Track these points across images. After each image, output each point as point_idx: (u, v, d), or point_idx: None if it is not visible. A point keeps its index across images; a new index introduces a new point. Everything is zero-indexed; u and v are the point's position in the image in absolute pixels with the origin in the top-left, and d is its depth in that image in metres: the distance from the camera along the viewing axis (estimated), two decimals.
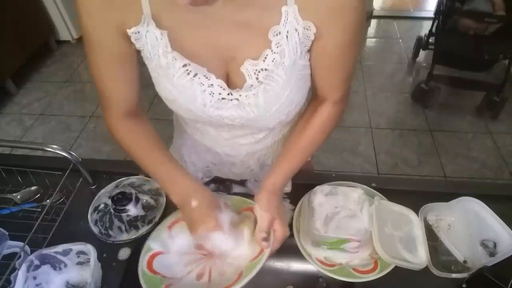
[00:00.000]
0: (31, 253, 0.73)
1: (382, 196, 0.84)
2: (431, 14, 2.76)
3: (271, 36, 0.60)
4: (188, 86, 0.65)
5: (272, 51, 0.61)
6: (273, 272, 0.79)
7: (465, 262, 0.75)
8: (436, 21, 2.53)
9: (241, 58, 0.63)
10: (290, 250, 0.78)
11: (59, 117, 2.64)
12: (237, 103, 0.67)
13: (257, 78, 0.64)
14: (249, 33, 0.61)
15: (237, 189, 0.91)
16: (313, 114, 0.75)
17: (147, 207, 0.85)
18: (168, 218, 0.77)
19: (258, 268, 0.64)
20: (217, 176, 0.96)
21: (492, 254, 0.74)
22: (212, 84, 0.65)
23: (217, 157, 0.90)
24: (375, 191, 0.86)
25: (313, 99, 0.77)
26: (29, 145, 0.88)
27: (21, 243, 0.75)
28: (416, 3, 4.08)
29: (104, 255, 0.77)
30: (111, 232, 0.81)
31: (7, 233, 0.77)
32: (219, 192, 0.87)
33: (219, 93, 0.66)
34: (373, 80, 2.88)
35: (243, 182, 0.93)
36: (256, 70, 0.63)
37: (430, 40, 2.81)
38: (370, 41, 3.42)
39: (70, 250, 0.73)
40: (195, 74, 0.64)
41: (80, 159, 0.86)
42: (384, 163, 2.23)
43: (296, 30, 0.59)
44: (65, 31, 3.26)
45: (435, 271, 0.72)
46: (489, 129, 2.44)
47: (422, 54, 3.06)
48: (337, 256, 0.75)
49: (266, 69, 0.63)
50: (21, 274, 0.68)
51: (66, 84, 2.95)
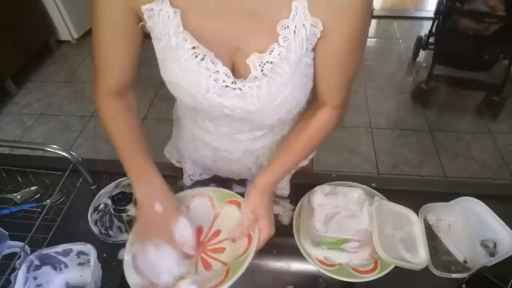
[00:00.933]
0: (31, 253, 0.73)
1: (382, 196, 0.84)
2: (431, 14, 2.76)
3: (279, 29, 0.61)
4: (194, 69, 0.66)
5: (279, 44, 0.62)
6: (273, 272, 0.79)
7: (465, 262, 0.75)
8: (436, 21, 2.53)
9: (248, 49, 0.64)
10: (290, 250, 0.78)
11: (59, 117, 2.65)
12: (240, 93, 0.68)
13: (262, 71, 0.65)
14: (257, 24, 0.62)
15: (237, 189, 0.91)
16: (312, 117, 0.76)
17: None
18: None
19: (245, 266, 0.65)
20: (217, 175, 0.96)
21: (492, 254, 0.74)
22: (217, 71, 0.66)
23: (215, 152, 0.91)
24: (375, 191, 0.86)
25: (313, 102, 0.77)
26: (29, 145, 0.88)
27: (21, 243, 0.75)
28: (416, 3, 4.08)
29: (104, 255, 0.77)
30: (111, 232, 0.81)
31: (7, 233, 0.77)
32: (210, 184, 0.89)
33: (223, 80, 0.67)
34: (373, 80, 2.88)
35: (243, 182, 0.93)
36: (262, 63, 0.64)
37: (430, 40, 2.81)
38: (370, 41, 3.42)
39: (70, 250, 0.73)
40: (202, 58, 0.65)
41: (80, 159, 0.86)
42: (384, 163, 2.23)
43: (304, 26, 0.60)
44: (65, 31, 3.27)
45: (435, 271, 0.72)
46: (489, 129, 2.44)
47: (422, 54, 3.06)
48: (337, 256, 0.75)
49: (271, 62, 0.64)
50: (21, 274, 0.68)
51: (66, 84, 2.95)
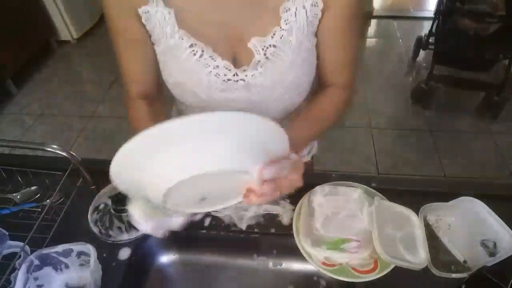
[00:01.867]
0: (31, 253, 0.73)
1: (382, 196, 0.84)
2: (431, 14, 2.76)
3: (282, 12, 0.61)
4: (194, 68, 0.66)
5: (281, 28, 0.62)
6: (273, 272, 0.79)
7: (465, 262, 0.75)
8: (436, 21, 2.53)
9: (249, 36, 0.64)
10: (290, 250, 0.78)
11: (59, 117, 2.65)
12: (243, 84, 0.68)
13: (265, 54, 0.65)
14: (258, 10, 0.62)
15: None
16: (322, 95, 0.74)
17: None
18: None
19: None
20: None
21: (492, 254, 0.74)
22: (217, 66, 0.66)
23: None
24: (375, 191, 0.86)
25: (319, 87, 0.77)
26: (29, 145, 0.88)
27: (21, 243, 0.75)
28: (416, 3, 4.08)
29: (104, 255, 0.77)
30: (111, 232, 0.81)
31: (7, 233, 0.77)
32: None
33: (225, 74, 0.67)
34: (373, 80, 2.88)
35: None
36: (265, 46, 0.64)
37: (430, 40, 2.81)
38: (370, 41, 3.42)
39: (71, 250, 0.73)
40: (201, 55, 0.65)
41: (80, 159, 0.86)
42: (384, 163, 2.23)
43: (304, 7, 0.61)
44: (65, 31, 3.27)
45: (435, 271, 0.72)
46: (489, 129, 2.44)
47: (422, 54, 3.06)
48: (337, 256, 0.75)
49: (274, 46, 0.64)
50: (21, 274, 0.68)
51: (66, 84, 2.95)
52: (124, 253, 0.78)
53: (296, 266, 0.80)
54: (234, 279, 0.84)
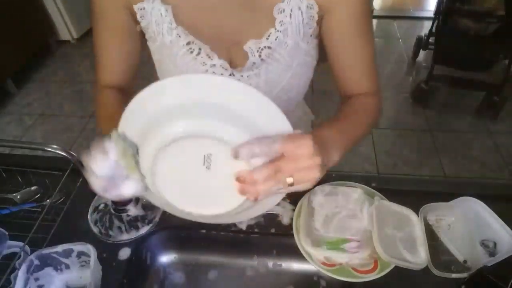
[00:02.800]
0: (31, 253, 0.73)
1: (382, 196, 0.84)
2: (431, 14, 2.76)
3: (276, 13, 0.60)
4: (190, 66, 0.66)
5: (275, 29, 0.62)
6: (273, 272, 0.79)
7: (465, 262, 0.75)
8: (436, 21, 2.53)
9: (244, 38, 0.64)
10: (290, 250, 0.78)
11: (59, 117, 2.64)
12: None
13: (260, 56, 0.64)
14: (253, 12, 0.61)
15: None
16: (352, 101, 0.69)
17: (147, 207, 0.85)
18: None
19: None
20: None
21: (492, 254, 0.74)
22: (214, 64, 0.65)
23: None
24: (375, 191, 0.86)
25: (346, 97, 0.72)
26: (29, 145, 0.88)
27: (21, 243, 0.75)
28: (416, 3, 4.08)
29: (104, 255, 0.77)
30: (111, 232, 0.81)
31: (7, 233, 0.77)
32: None
33: (221, 74, 0.66)
34: None
35: None
36: (259, 48, 0.63)
37: (430, 40, 2.81)
38: None
39: (71, 250, 0.73)
40: (198, 53, 0.64)
41: (80, 159, 0.86)
42: (384, 163, 2.23)
43: (300, 8, 0.60)
44: (65, 31, 3.27)
45: (435, 271, 0.72)
46: (489, 129, 2.44)
47: (422, 54, 3.05)
48: (337, 256, 0.75)
49: (269, 47, 0.63)
50: (21, 274, 0.68)
51: (66, 84, 2.95)
52: (124, 253, 0.78)
53: (296, 266, 0.80)
54: (234, 279, 0.84)
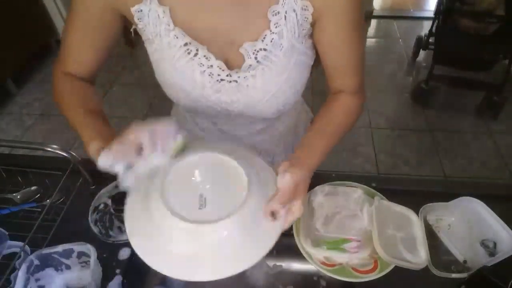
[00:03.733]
0: (31, 253, 0.73)
1: (382, 196, 0.84)
2: (431, 14, 2.76)
3: (270, 15, 0.60)
4: (188, 67, 0.66)
5: (270, 31, 0.62)
6: (273, 272, 0.79)
7: (465, 262, 0.75)
8: (436, 21, 2.53)
9: (240, 40, 0.64)
10: (290, 250, 0.78)
11: (59, 117, 2.64)
12: (236, 85, 0.67)
13: (256, 58, 0.64)
14: (248, 13, 0.62)
15: None
16: (333, 102, 0.73)
17: None
18: None
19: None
20: None
21: (492, 254, 0.74)
22: (211, 65, 0.65)
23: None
24: (375, 191, 0.86)
25: (330, 96, 0.75)
26: (29, 145, 0.88)
27: (21, 243, 0.75)
28: (416, 3, 4.08)
29: (104, 255, 0.77)
30: (111, 232, 0.81)
31: (7, 233, 0.77)
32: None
33: (218, 74, 0.66)
34: (373, 80, 2.88)
35: None
36: (255, 50, 0.64)
37: (430, 40, 2.81)
38: (370, 41, 3.42)
39: (71, 250, 0.73)
40: (195, 54, 0.64)
41: (80, 159, 0.86)
42: (384, 163, 2.23)
43: (294, 10, 0.60)
44: None
45: (435, 271, 0.72)
46: (489, 129, 2.44)
47: (422, 54, 3.06)
48: (337, 256, 0.75)
49: (265, 49, 0.63)
50: (21, 274, 0.68)
51: None
52: (124, 253, 0.78)
53: (296, 266, 0.80)
54: (234, 279, 0.83)
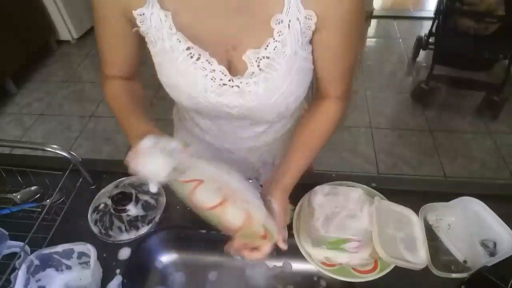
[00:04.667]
0: (31, 253, 0.73)
1: (382, 196, 0.84)
2: (431, 14, 2.76)
3: (273, 24, 0.61)
4: (190, 70, 0.66)
5: (274, 39, 0.62)
6: (273, 272, 0.79)
7: (465, 262, 0.75)
8: (436, 21, 2.53)
9: (243, 46, 0.64)
10: (290, 250, 0.78)
11: (59, 117, 2.65)
12: (238, 90, 0.68)
13: (258, 66, 0.65)
14: (251, 20, 0.62)
15: None
16: (317, 110, 0.75)
17: (147, 207, 0.85)
18: None
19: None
20: None
21: (492, 254, 0.74)
22: (214, 70, 0.66)
23: (218, 153, 0.90)
24: (375, 191, 0.86)
25: (316, 97, 0.77)
26: (29, 145, 0.88)
27: (21, 243, 0.75)
28: (416, 3, 4.08)
29: (104, 255, 0.77)
30: (111, 232, 0.81)
31: (7, 233, 0.77)
32: None
33: (220, 79, 0.67)
34: (373, 80, 2.88)
35: None
36: (258, 58, 0.64)
37: (430, 40, 2.81)
38: (370, 41, 3.42)
39: (71, 250, 0.73)
40: (198, 58, 0.65)
41: (80, 159, 0.86)
42: (384, 163, 2.23)
43: (298, 19, 0.60)
44: (65, 31, 3.26)
45: (435, 271, 0.72)
46: (489, 129, 2.44)
47: (422, 54, 3.06)
48: (337, 256, 0.75)
49: (267, 57, 0.63)
50: (21, 274, 0.68)
51: (66, 84, 2.95)
52: (124, 253, 0.78)
53: (296, 266, 0.80)
54: (234, 279, 0.84)
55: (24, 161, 0.96)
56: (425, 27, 3.25)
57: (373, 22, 3.69)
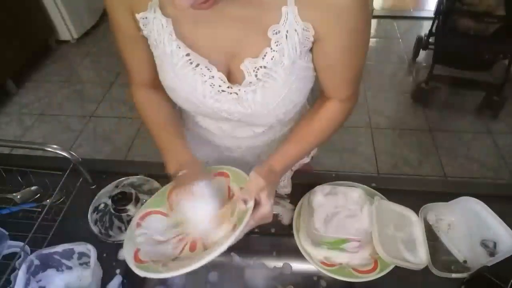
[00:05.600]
0: (31, 253, 0.73)
1: (382, 196, 0.84)
2: (431, 14, 2.76)
3: (271, 34, 0.60)
4: (189, 76, 0.67)
5: (271, 49, 0.62)
6: (273, 272, 0.79)
7: (465, 262, 0.75)
8: (436, 21, 2.53)
9: (241, 55, 0.64)
10: (290, 250, 0.78)
11: (59, 117, 2.64)
12: (236, 97, 0.68)
13: (256, 75, 0.65)
14: (249, 30, 0.62)
15: None
16: (320, 108, 0.75)
17: None
18: (135, 216, 0.73)
19: (233, 238, 0.59)
20: None
21: (492, 254, 0.74)
22: (213, 76, 0.66)
23: (217, 151, 0.91)
24: (375, 191, 0.86)
25: (321, 95, 0.77)
26: (29, 145, 0.88)
27: (21, 243, 0.75)
28: (416, 3, 4.08)
29: (104, 255, 0.77)
30: (111, 232, 0.81)
31: (7, 233, 0.77)
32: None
33: (219, 85, 0.67)
34: (373, 80, 2.88)
35: None
36: (256, 68, 0.64)
37: (430, 40, 2.81)
38: (370, 41, 3.39)
39: (71, 250, 0.73)
40: (197, 65, 0.65)
41: (80, 159, 0.86)
42: (384, 163, 2.23)
43: (296, 30, 0.60)
44: (65, 31, 3.26)
45: (435, 271, 0.72)
46: (489, 129, 2.44)
47: (422, 54, 3.05)
48: (337, 256, 0.75)
49: (265, 67, 0.63)
50: (21, 274, 0.68)
51: (66, 84, 2.95)
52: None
53: (296, 266, 0.80)
54: (234, 279, 0.84)
55: (24, 161, 0.96)
56: (425, 27, 3.24)
57: (373, 22, 3.69)
